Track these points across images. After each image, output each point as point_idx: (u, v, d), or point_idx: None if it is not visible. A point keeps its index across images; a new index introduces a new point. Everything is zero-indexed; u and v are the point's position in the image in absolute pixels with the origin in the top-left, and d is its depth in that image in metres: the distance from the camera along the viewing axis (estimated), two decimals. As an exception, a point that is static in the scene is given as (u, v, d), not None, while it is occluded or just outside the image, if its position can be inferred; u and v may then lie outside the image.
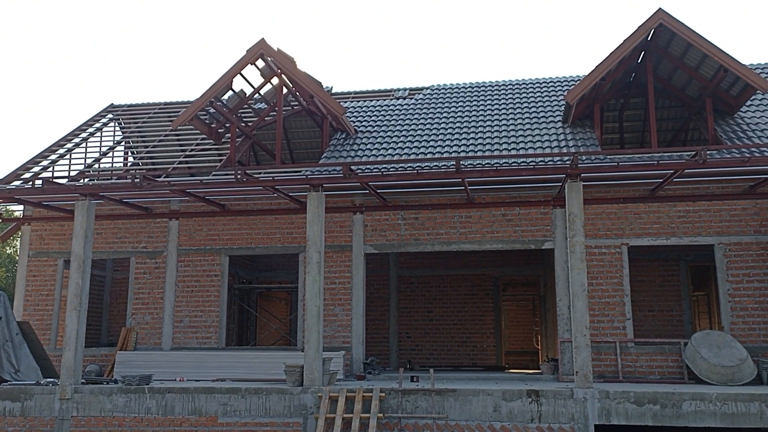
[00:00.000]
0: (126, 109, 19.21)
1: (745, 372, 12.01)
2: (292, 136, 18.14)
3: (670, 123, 16.44)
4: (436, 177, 12.47)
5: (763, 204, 13.31)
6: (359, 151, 15.31)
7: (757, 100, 15.38)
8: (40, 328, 15.32)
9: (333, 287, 14.45)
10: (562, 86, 17.84)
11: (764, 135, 13.82)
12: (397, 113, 17.36)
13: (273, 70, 15.06)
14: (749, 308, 13.04)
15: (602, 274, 13.54)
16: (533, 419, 10.72)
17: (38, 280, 15.79)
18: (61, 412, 11.93)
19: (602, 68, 13.45)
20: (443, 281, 19.03)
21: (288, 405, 11.37)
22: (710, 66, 13.44)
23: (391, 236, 14.43)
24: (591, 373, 10.91)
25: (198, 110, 14.29)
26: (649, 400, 10.54)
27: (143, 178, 12.63)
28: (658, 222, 13.56)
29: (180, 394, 11.68)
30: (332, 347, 14.03)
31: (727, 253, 13.27)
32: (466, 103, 17.40)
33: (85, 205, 12.75)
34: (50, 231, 15.92)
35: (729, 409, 10.32)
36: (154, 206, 15.49)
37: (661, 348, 13.14)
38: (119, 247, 15.55)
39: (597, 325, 13.28)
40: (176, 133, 17.40)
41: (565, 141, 14.44)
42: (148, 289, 15.26)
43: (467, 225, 14.17)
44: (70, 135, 17.72)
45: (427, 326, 18.79)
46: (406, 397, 11.08)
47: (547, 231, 13.87)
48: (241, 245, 15.09)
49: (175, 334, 14.95)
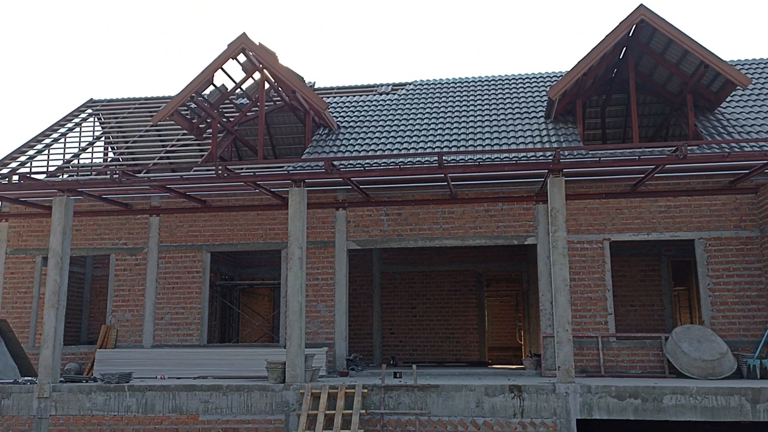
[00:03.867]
0: (106, 104, 18.99)
1: (725, 366, 12.11)
2: (275, 131, 18.02)
3: (652, 119, 16.53)
4: (419, 172, 12.45)
5: (743, 199, 13.42)
6: (342, 146, 15.24)
7: (737, 96, 15.50)
8: (18, 326, 15.11)
9: (316, 283, 14.37)
10: (545, 82, 17.89)
11: (744, 130, 13.94)
12: (380, 109, 17.31)
13: (255, 64, 14.95)
14: (729, 302, 13.15)
15: (584, 270, 13.59)
16: (515, 414, 10.73)
17: (16, 278, 15.56)
18: (40, 411, 11.77)
19: (584, 64, 13.50)
20: (426, 277, 19.01)
21: (270, 402, 11.30)
22: (691, 62, 13.52)
23: (374, 232, 14.38)
24: (573, 367, 10.94)
25: (179, 105, 14.14)
26: (631, 395, 10.58)
27: (123, 173, 12.47)
28: (639, 217, 13.63)
29: (160, 391, 11.57)
30: (315, 344, 13.96)
31: (708, 248, 13.37)
32: (449, 99, 17.39)
33: (63, 201, 12.57)
34: (28, 228, 15.69)
35: (709, 403, 10.39)
36: (134, 202, 15.32)
37: (642, 342, 13.22)
38: (99, 244, 15.37)
39: (579, 320, 13.33)
40: (157, 128, 17.22)
41: (548, 136, 14.48)
42: (128, 286, 15.09)
43: (450, 221, 14.15)
44: (49, 130, 17.48)
45: (411, 322, 18.77)
46: (389, 393, 11.05)
47: (530, 226, 13.89)
48: (223, 241, 14.97)
49: (156, 331, 14.80)
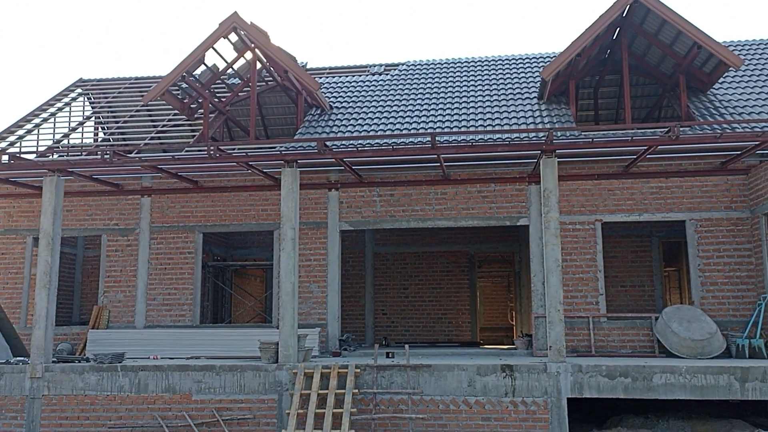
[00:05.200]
0: (95, 84, 18.81)
1: (715, 345, 12.23)
2: (267, 112, 17.91)
3: (645, 100, 16.53)
4: (412, 153, 12.42)
5: (734, 180, 13.48)
6: (334, 126, 15.18)
7: (730, 77, 15.50)
8: (10, 306, 15.08)
9: (308, 264, 14.38)
10: (538, 63, 17.83)
11: (736, 112, 13.97)
12: (373, 89, 17.23)
13: (246, 44, 14.82)
14: (719, 283, 13.25)
15: (576, 250, 13.65)
16: (507, 393, 10.83)
17: (7, 258, 15.50)
18: (32, 391, 11.78)
19: (578, 44, 13.45)
20: (419, 258, 19.06)
21: (263, 382, 11.35)
22: (684, 43, 13.50)
23: (366, 213, 14.37)
24: (564, 347, 11.03)
25: (169, 85, 14.01)
26: (621, 374, 10.69)
27: (114, 153, 12.39)
28: (631, 198, 13.67)
29: (153, 371, 11.59)
30: (307, 324, 14.00)
31: (698, 229, 13.44)
32: (442, 80, 17.32)
33: (54, 182, 12.49)
34: (18, 208, 15.60)
35: (698, 382, 10.51)
36: (126, 183, 15.24)
37: (632, 323, 13.32)
38: (90, 225, 15.30)
39: (570, 301, 13.41)
40: (148, 108, 17.09)
41: (541, 117, 14.46)
42: (120, 267, 15.06)
43: (443, 202, 14.16)
44: (38, 110, 17.32)
45: (403, 303, 18.84)
46: (382, 373, 11.11)
47: (522, 207, 13.92)
48: (215, 222, 14.93)
49: (149, 312, 14.80)
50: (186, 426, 11.25)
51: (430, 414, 10.89)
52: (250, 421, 11.23)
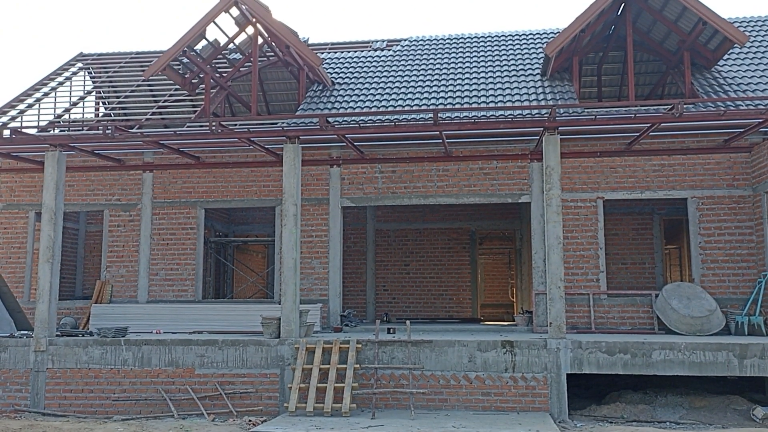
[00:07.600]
0: (96, 59, 18.68)
1: (714, 322, 12.30)
2: (268, 87, 17.83)
3: (648, 77, 16.42)
4: (414, 129, 12.38)
5: (737, 158, 13.45)
6: (336, 103, 15.12)
7: (734, 54, 15.38)
8: (13, 281, 15.16)
9: (310, 240, 14.42)
10: (542, 39, 17.69)
11: (740, 89, 13.88)
12: (375, 65, 17.12)
13: (248, 18, 14.71)
14: (719, 260, 13.28)
15: (577, 228, 13.67)
16: (507, 369, 10.92)
17: (9, 233, 15.55)
18: (36, 364, 11.90)
19: (582, 20, 13.34)
20: (420, 235, 19.10)
21: (265, 356, 11.45)
22: (689, 19, 13.38)
23: (368, 189, 14.37)
24: (564, 324, 11.10)
25: (171, 60, 13.95)
26: (620, 350, 10.77)
27: (115, 128, 12.37)
28: (633, 176, 13.66)
29: (157, 346, 11.69)
30: (309, 300, 14.08)
31: (700, 207, 13.44)
32: (445, 56, 17.20)
33: (56, 156, 12.49)
34: (20, 183, 15.62)
35: (697, 358, 10.59)
36: (128, 158, 15.23)
37: (633, 300, 13.39)
38: (92, 200, 15.32)
39: (571, 278, 13.47)
40: (149, 83, 17.00)
41: (543, 94, 14.38)
42: (122, 242, 15.11)
43: (444, 178, 14.15)
44: (39, 84, 17.22)
45: (404, 279, 18.91)
46: (383, 349, 11.20)
47: (524, 185, 13.91)
48: (217, 198, 14.95)
49: (151, 287, 14.88)
50: (189, 399, 11.37)
51: (431, 389, 10.99)
52: (253, 395, 11.34)
